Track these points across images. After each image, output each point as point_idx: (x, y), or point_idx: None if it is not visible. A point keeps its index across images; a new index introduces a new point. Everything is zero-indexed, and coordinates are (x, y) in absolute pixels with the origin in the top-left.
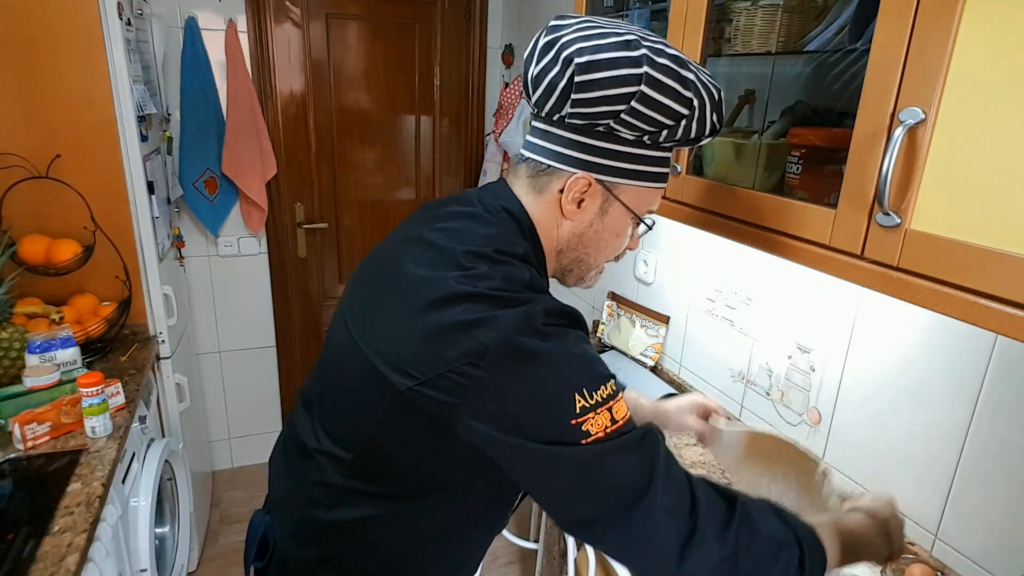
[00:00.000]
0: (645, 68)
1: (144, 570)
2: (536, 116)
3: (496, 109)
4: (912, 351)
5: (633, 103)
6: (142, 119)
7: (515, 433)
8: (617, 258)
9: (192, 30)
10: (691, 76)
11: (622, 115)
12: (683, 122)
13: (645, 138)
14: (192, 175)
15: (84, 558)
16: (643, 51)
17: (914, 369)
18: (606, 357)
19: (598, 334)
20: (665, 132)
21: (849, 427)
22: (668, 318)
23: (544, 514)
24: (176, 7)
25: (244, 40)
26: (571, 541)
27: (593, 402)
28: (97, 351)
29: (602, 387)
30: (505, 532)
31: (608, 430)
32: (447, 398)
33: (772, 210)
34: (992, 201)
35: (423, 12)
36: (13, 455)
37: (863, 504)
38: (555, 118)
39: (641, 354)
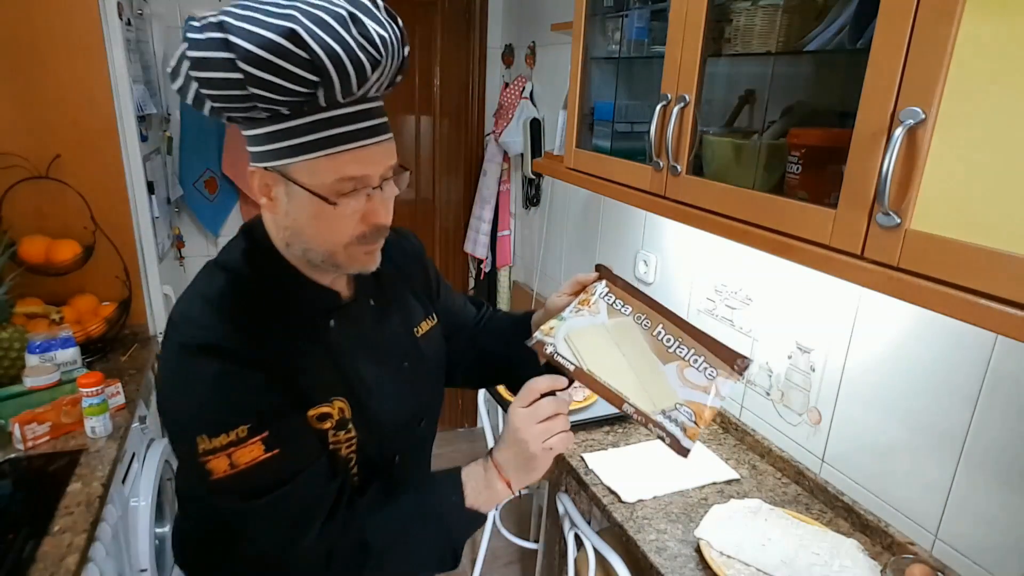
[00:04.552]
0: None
1: (144, 570)
2: None
3: (496, 109)
4: (912, 351)
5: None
6: (142, 119)
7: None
8: (364, 237)
9: None
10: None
11: (240, 100)
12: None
13: (283, 110)
14: (192, 175)
15: (84, 558)
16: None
17: (914, 369)
18: None
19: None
20: (298, 101)
21: (849, 427)
22: None
23: (544, 514)
24: (176, 7)
25: None
26: (571, 541)
27: (212, 446)
28: (97, 351)
29: (223, 434)
30: (505, 532)
31: (227, 473)
32: None
33: (772, 210)
34: (992, 201)
35: (423, 12)
36: (13, 455)
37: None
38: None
39: None
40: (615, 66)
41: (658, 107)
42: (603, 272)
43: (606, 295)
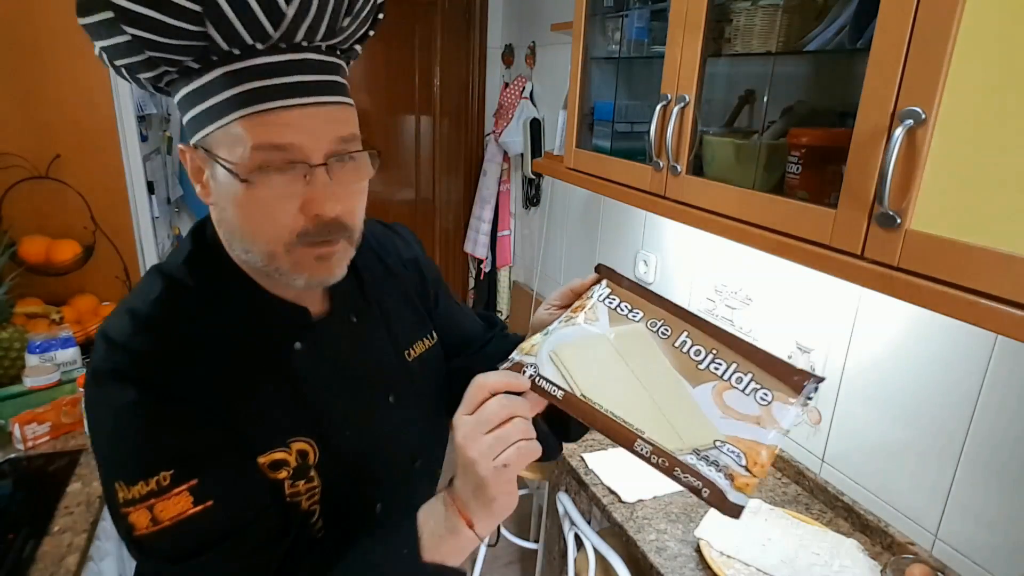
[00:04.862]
0: None
1: None
2: None
3: (496, 109)
4: (912, 351)
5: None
6: (142, 119)
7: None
8: (307, 235)
9: None
10: None
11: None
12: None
13: (190, 62)
14: None
15: (84, 558)
16: None
17: (914, 369)
18: None
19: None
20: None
21: (849, 427)
22: None
23: (544, 514)
24: None
25: None
26: (571, 541)
27: (131, 496)
28: None
29: (141, 482)
30: (505, 532)
31: (149, 530)
32: None
33: (772, 210)
34: (992, 201)
35: (423, 12)
36: (13, 455)
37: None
38: None
39: None
40: (615, 66)
41: (658, 107)
42: (604, 272)
43: (607, 298)
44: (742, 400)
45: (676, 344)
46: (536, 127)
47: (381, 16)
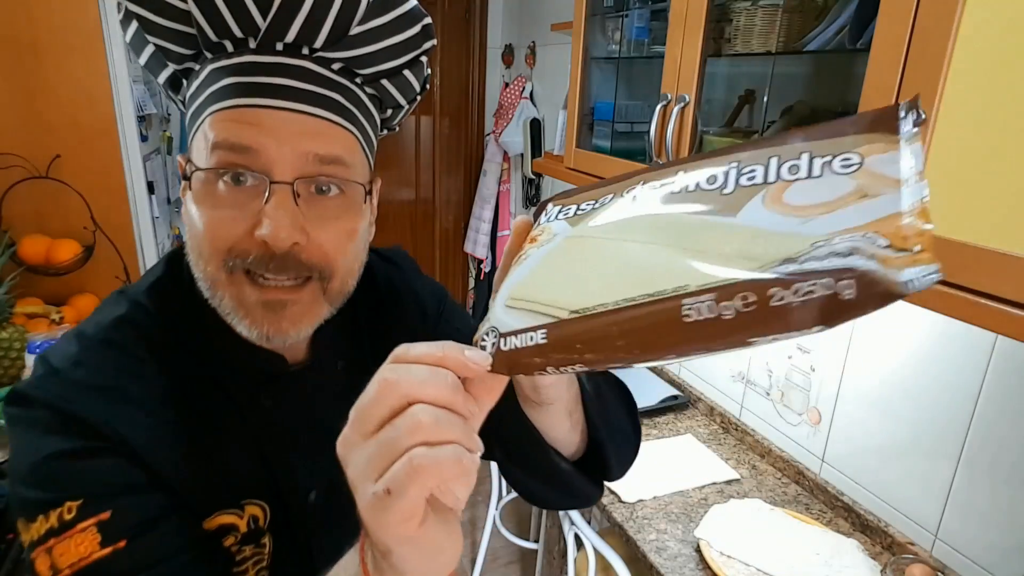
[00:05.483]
0: None
1: None
2: None
3: (496, 109)
4: (912, 351)
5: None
6: (142, 119)
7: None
8: (248, 260)
9: None
10: None
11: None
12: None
13: (191, 61)
14: None
15: None
16: None
17: (914, 369)
18: None
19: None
20: (175, 44)
21: (849, 427)
22: None
23: (544, 514)
24: None
25: None
26: (571, 541)
27: (31, 536)
28: None
29: (41, 516)
30: (505, 532)
31: None
32: None
33: None
34: (992, 201)
35: None
36: None
37: None
38: None
39: None
40: (615, 66)
41: (658, 107)
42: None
43: (560, 212)
44: (817, 188)
45: (678, 190)
46: (536, 127)
47: (424, 59)
